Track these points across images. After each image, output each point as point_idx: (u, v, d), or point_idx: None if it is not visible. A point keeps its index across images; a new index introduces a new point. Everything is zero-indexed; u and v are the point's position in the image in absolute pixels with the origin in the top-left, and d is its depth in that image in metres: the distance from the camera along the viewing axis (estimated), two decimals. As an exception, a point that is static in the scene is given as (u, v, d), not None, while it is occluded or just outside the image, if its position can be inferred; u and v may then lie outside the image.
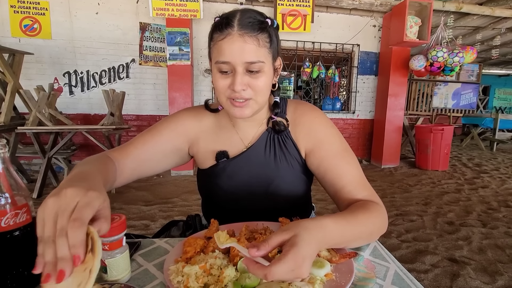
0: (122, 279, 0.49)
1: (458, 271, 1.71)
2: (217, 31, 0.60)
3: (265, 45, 0.61)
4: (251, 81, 0.61)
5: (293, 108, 0.76)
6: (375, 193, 0.67)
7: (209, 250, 0.55)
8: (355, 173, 0.68)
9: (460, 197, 3.14)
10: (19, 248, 0.46)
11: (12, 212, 0.44)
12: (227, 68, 0.60)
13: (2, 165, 0.43)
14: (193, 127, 0.76)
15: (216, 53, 0.61)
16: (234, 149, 0.75)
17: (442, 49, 3.78)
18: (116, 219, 0.49)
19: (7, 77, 2.97)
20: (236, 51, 0.58)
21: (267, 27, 0.61)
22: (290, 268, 0.40)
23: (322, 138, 0.71)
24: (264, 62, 0.61)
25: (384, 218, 0.63)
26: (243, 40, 0.58)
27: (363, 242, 0.59)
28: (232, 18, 0.59)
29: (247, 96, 0.62)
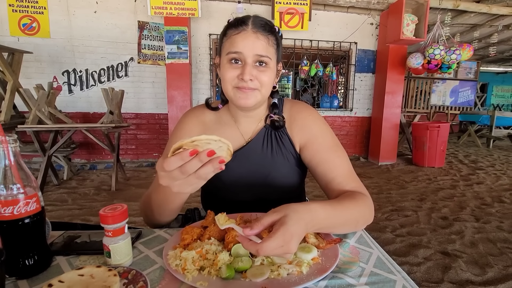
0: (124, 263, 0.53)
1: (450, 263, 1.76)
2: (232, 27, 0.68)
3: (273, 46, 0.70)
4: (258, 74, 0.68)
5: (289, 107, 0.83)
6: (363, 185, 0.73)
7: (205, 237, 0.59)
8: (344, 166, 0.73)
9: (455, 193, 3.19)
10: (29, 234, 0.50)
11: (23, 201, 0.47)
12: (238, 57, 0.67)
13: (14, 158, 0.47)
14: (197, 127, 0.81)
15: (229, 45, 0.68)
16: (235, 143, 0.80)
17: (439, 47, 3.81)
18: (118, 208, 0.53)
19: (7, 76, 3.00)
20: (248, 44, 0.66)
21: (275, 32, 0.71)
22: (280, 244, 0.45)
23: (315, 134, 0.77)
24: (271, 58, 0.69)
25: (370, 208, 0.67)
26: (255, 36, 0.66)
27: (349, 228, 0.64)
28: (246, 19, 0.68)
29: (254, 86, 0.68)
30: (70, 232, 0.66)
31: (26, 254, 0.49)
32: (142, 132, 4.39)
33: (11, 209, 0.46)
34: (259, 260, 0.53)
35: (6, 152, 0.46)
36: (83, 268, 0.44)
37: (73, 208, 2.61)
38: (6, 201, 0.46)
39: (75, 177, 3.72)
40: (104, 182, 3.47)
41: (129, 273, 0.48)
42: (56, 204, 2.73)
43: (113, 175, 3.21)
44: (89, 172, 3.98)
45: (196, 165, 0.45)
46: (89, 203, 2.75)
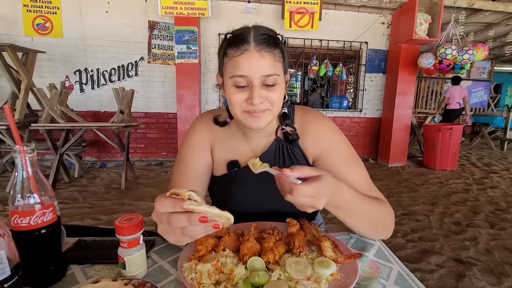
0: (139, 274, 0.52)
1: (464, 271, 1.71)
2: (233, 47, 0.62)
3: (279, 60, 0.64)
4: (268, 94, 0.63)
5: (300, 116, 0.78)
6: (383, 196, 0.70)
7: (220, 249, 0.58)
8: (362, 178, 0.71)
9: (468, 197, 3.11)
10: (45, 244, 0.49)
11: (40, 211, 0.47)
12: (244, 82, 0.62)
13: (32, 169, 0.47)
14: (208, 136, 0.78)
15: (232, 68, 0.62)
16: (244, 158, 0.77)
17: (451, 47, 3.71)
18: (133, 219, 0.52)
19: (21, 75, 3.06)
20: (254, 65, 0.60)
21: (280, 44, 0.65)
22: (312, 194, 0.48)
23: (330, 145, 0.73)
24: (279, 75, 0.63)
25: (391, 216, 0.67)
26: (260, 55, 0.60)
27: (367, 226, 0.64)
28: (247, 35, 0.61)
29: (264, 107, 0.64)
30: (84, 239, 0.65)
31: (42, 264, 0.49)
32: (151, 131, 4.42)
33: (28, 219, 0.46)
34: (276, 275, 0.51)
35: (24, 162, 0.46)
36: (98, 281, 0.44)
37: (83, 207, 2.65)
38: (24, 211, 0.46)
39: (85, 175, 3.78)
40: (114, 181, 3.51)
41: (144, 286, 0.48)
42: (67, 202, 2.77)
43: (123, 174, 3.24)
44: (99, 170, 4.04)
45: (183, 223, 0.41)
46: (99, 202, 2.79)
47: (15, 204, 0.46)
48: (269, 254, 0.56)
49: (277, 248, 0.57)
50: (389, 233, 0.68)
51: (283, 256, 0.57)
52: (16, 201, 0.46)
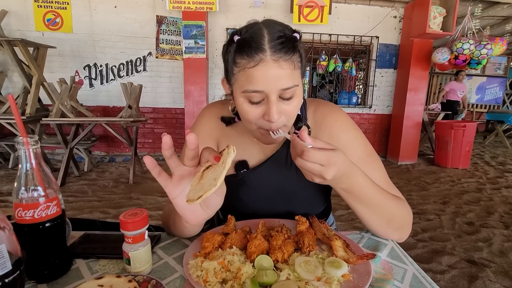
0: (144, 271, 0.51)
1: (476, 273, 1.66)
2: (244, 55, 0.52)
3: (298, 66, 0.55)
4: (285, 107, 0.56)
5: (313, 111, 0.72)
6: (403, 197, 0.66)
7: (226, 246, 0.56)
8: (380, 177, 0.66)
9: (481, 196, 3.02)
10: (50, 238, 0.49)
11: (44, 204, 0.46)
12: (260, 98, 0.54)
13: (35, 160, 0.46)
14: (215, 131, 0.74)
15: (244, 81, 0.53)
16: (253, 159, 0.72)
17: (468, 41, 3.58)
18: (138, 213, 0.51)
19: (32, 70, 3.10)
20: (271, 79, 0.52)
21: (298, 44, 0.55)
22: (323, 161, 0.47)
23: (345, 144, 0.66)
24: (298, 85, 0.55)
25: (408, 216, 0.64)
26: (278, 66, 0.51)
27: (379, 220, 0.60)
28: (261, 40, 0.51)
29: (281, 123, 0.57)
30: (89, 233, 0.65)
31: (46, 258, 0.48)
32: (159, 126, 4.44)
33: (31, 212, 0.45)
34: (285, 274, 0.49)
35: (28, 153, 0.45)
36: (102, 277, 0.42)
37: (92, 200, 2.69)
38: (28, 204, 0.45)
39: (95, 169, 3.83)
40: (122, 175, 3.55)
41: (149, 283, 0.46)
42: (77, 195, 2.82)
43: (131, 168, 3.27)
44: (108, 165, 4.09)
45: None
46: (108, 195, 2.82)
47: (19, 197, 0.45)
48: (278, 252, 0.54)
49: (285, 246, 0.55)
50: (404, 235, 0.64)
51: (292, 255, 0.55)
52: (20, 193, 0.45)
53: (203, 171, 0.46)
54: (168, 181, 0.46)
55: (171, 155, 0.44)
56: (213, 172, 0.44)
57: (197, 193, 0.42)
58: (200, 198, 0.40)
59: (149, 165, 0.43)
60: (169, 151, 0.43)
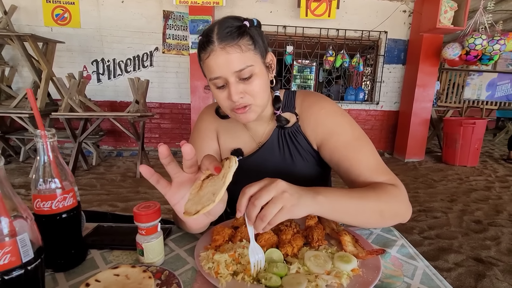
0: (157, 262, 0.52)
1: (484, 271, 1.65)
2: (202, 50, 0.61)
3: (249, 48, 0.60)
4: (246, 87, 0.62)
5: (301, 101, 0.75)
6: (396, 178, 0.64)
7: (236, 239, 0.57)
8: (370, 160, 0.66)
9: (490, 195, 2.98)
10: (66, 229, 0.50)
11: (61, 196, 0.47)
12: (221, 82, 0.62)
13: (52, 153, 0.47)
14: (213, 123, 0.80)
15: (207, 71, 0.63)
16: (247, 147, 0.78)
17: (480, 36, 3.49)
18: (151, 206, 0.52)
19: (42, 65, 3.14)
20: (222, 65, 0.59)
21: (246, 30, 0.60)
22: (263, 183, 0.48)
23: (330, 130, 0.69)
24: (252, 65, 0.60)
25: (401, 199, 0.60)
26: (225, 52, 0.58)
27: (373, 219, 0.58)
28: (211, 34, 0.59)
29: (247, 102, 0.63)
30: (102, 225, 0.66)
31: (63, 248, 0.50)
32: (166, 121, 4.47)
33: (49, 203, 0.47)
34: (295, 267, 0.50)
35: (45, 146, 0.46)
36: (118, 267, 0.44)
37: (101, 194, 2.74)
38: (45, 196, 0.46)
39: (102, 163, 3.89)
40: (129, 169, 3.60)
41: (162, 274, 0.47)
42: (86, 188, 2.87)
43: (138, 163, 3.31)
44: (116, 159, 4.14)
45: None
46: (116, 189, 2.87)
47: (37, 188, 0.46)
48: (287, 246, 0.54)
49: (295, 240, 0.56)
50: (405, 216, 0.61)
51: (301, 249, 0.56)
52: (38, 185, 0.46)
53: (203, 180, 0.46)
54: (167, 188, 0.47)
55: (169, 162, 0.45)
56: (213, 184, 0.43)
57: (194, 206, 0.42)
58: (197, 213, 0.40)
59: (146, 174, 0.44)
60: (166, 159, 0.44)
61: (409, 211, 0.62)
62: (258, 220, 0.46)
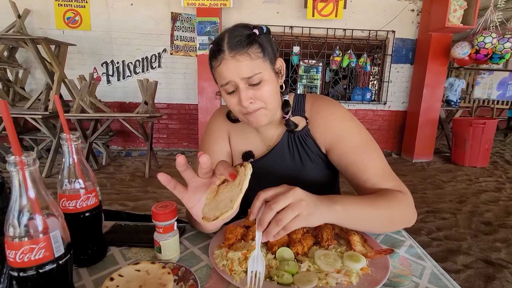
0: (173, 259, 0.55)
1: (494, 273, 1.63)
2: (213, 58, 0.64)
3: (258, 56, 0.63)
4: (256, 93, 0.64)
5: (310, 105, 0.77)
6: (402, 184, 0.66)
7: (248, 238, 0.59)
8: (377, 166, 0.67)
9: (501, 196, 2.93)
10: (89, 227, 0.53)
11: (85, 196, 0.50)
12: (232, 88, 0.64)
13: (77, 155, 0.50)
14: (225, 126, 0.82)
15: (218, 78, 0.66)
16: (258, 150, 0.80)
17: (490, 34, 3.43)
18: (168, 206, 0.54)
19: (54, 67, 3.22)
20: (232, 72, 0.62)
21: (256, 38, 0.63)
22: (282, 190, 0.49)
23: (340, 134, 0.71)
24: (261, 72, 0.63)
25: (409, 206, 0.63)
26: (235, 60, 0.61)
27: (384, 226, 0.61)
28: (221, 43, 0.62)
29: (257, 106, 0.65)
30: (120, 223, 0.69)
31: (86, 245, 0.53)
32: (173, 122, 4.53)
33: (74, 202, 0.50)
34: (306, 266, 0.52)
35: (70, 149, 0.49)
36: (139, 263, 0.46)
37: (111, 193, 2.80)
38: (70, 195, 0.49)
39: (112, 163, 3.96)
40: (138, 169, 3.66)
41: (179, 270, 0.50)
42: (97, 188, 2.93)
43: (147, 163, 3.37)
44: (125, 159, 4.22)
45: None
46: (126, 189, 2.93)
47: (63, 188, 0.49)
48: (298, 245, 0.56)
49: (305, 240, 0.58)
50: (410, 222, 0.64)
51: (311, 248, 0.57)
52: (64, 185, 0.49)
53: (218, 186, 0.48)
54: (184, 192, 0.49)
55: (185, 169, 0.47)
56: (229, 190, 0.45)
57: (212, 212, 0.43)
58: (216, 219, 0.42)
59: (164, 181, 0.46)
60: (182, 167, 0.46)
61: (415, 217, 0.65)
62: (273, 224, 0.46)
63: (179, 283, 0.47)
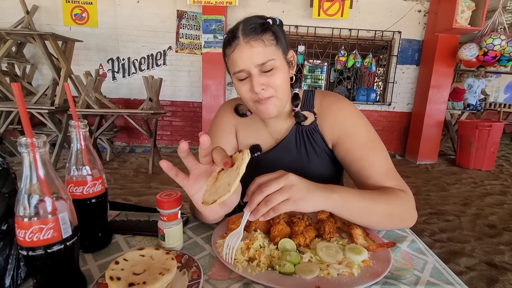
0: (177, 247, 0.55)
1: (497, 276, 1.62)
2: (227, 45, 0.65)
3: (271, 43, 0.64)
4: (268, 80, 0.65)
5: (320, 100, 0.77)
6: (404, 183, 0.66)
7: (251, 229, 0.60)
8: (382, 163, 0.67)
9: (506, 199, 2.90)
10: (95, 213, 0.54)
11: (91, 182, 0.51)
12: (244, 75, 0.65)
13: (84, 142, 0.51)
14: (233, 120, 0.82)
15: (231, 65, 0.66)
16: (265, 143, 0.80)
17: (499, 36, 3.40)
18: (173, 194, 0.55)
19: (61, 63, 3.26)
20: (246, 57, 0.63)
21: (269, 27, 0.65)
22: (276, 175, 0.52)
23: (347, 130, 0.71)
24: (274, 59, 0.64)
25: (409, 205, 0.63)
26: (249, 45, 0.62)
27: (381, 222, 0.61)
28: (236, 31, 0.64)
29: (268, 94, 0.66)
30: (124, 212, 0.70)
31: (92, 230, 0.54)
32: (177, 119, 4.56)
33: (81, 189, 0.50)
34: (307, 257, 0.52)
35: (78, 136, 0.50)
36: (143, 249, 0.47)
37: (115, 188, 2.82)
38: (77, 181, 0.50)
39: (116, 158, 4.00)
40: (141, 165, 3.69)
41: (182, 257, 0.51)
42: (101, 183, 2.96)
43: (150, 159, 3.39)
44: (129, 155, 4.25)
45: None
46: (129, 184, 2.95)
47: (70, 174, 0.50)
48: (300, 237, 0.57)
49: (307, 232, 0.58)
50: (410, 223, 0.64)
51: (313, 241, 0.58)
52: (71, 171, 0.50)
53: (218, 172, 0.49)
54: (186, 180, 0.49)
55: (186, 155, 0.47)
56: (228, 176, 0.46)
57: (211, 196, 0.44)
58: (214, 202, 0.43)
59: (166, 168, 0.47)
60: (184, 153, 0.47)
61: (415, 218, 0.65)
62: (262, 204, 0.49)
63: (182, 269, 0.48)
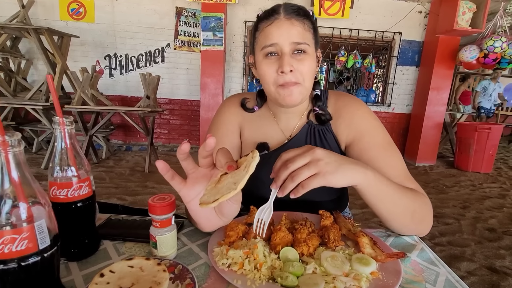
0: (170, 255, 0.51)
1: (498, 281, 1.59)
2: (264, 19, 0.63)
3: (310, 31, 0.64)
4: (298, 64, 0.62)
5: (334, 100, 0.75)
6: (421, 189, 0.65)
7: (250, 236, 0.56)
8: (398, 165, 0.66)
9: (505, 203, 2.89)
10: (81, 218, 0.50)
11: (77, 184, 0.47)
12: (274, 50, 0.62)
13: (70, 140, 0.46)
14: (237, 118, 0.78)
15: (263, 38, 0.63)
16: (274, 140, 0.76)
17: (500, 39, 3.39)
18: (166, 199, 0.51)
19: (57, 58, 3.20)
20: (283, 32, 0.60)
21: (310, 16, 0.65)
22: (302, 150, 0.50)
23: (363, 130, 0.69)
24: (309, 44, 0.62)
25: (429, 209, 0.63)
26: (290, 22, 0.61)
27: (404, 216, 0.59)
28: (277, 8, 0.63)
29: (295, 79, 0.62)
30: (115, 216, 0.66)
31: (77, 237, 0.49)
32: (175, 117, 4.50)
33: (65, 191, 0.46)
34: (311, 267, 0.48)
35: (63, 134, 0.46)
36: (132, 259, 0.43)
37: (110, 187, 2.77)
38: (62, 183, 0.46)
39: (112, 156, 3.94)
40: (138, 164, 3.63)
41: (175, 267, 0.46)
42: (95, 181, 2.89)
43: (147, 158, 3.34)
44: (125, 153, 4.19)
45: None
46: (125, 183, 2.90)
47: (54, 176, 0.46)
48: (303, 245, 0.53)
49: (310, 240, 0.54)
50: (427, 228, 0.62)
51: (317, 249, 0.54)
52: (55, 172, 0.46)
53: (220, 176, 0.44)
54: (182, 184, 0.45)
55: (186, 158, 0.44)
56: (233, 176, 0.42)
57: (212, 197, 0.40)
58: (216, 201, 0.38)
59: (162, 169, 0.43)
60: (184, 155, 0.43)
61: (431, 224, 0.63)
62: (289, 180, 0.48)
63: (175, 281, 0.44)
